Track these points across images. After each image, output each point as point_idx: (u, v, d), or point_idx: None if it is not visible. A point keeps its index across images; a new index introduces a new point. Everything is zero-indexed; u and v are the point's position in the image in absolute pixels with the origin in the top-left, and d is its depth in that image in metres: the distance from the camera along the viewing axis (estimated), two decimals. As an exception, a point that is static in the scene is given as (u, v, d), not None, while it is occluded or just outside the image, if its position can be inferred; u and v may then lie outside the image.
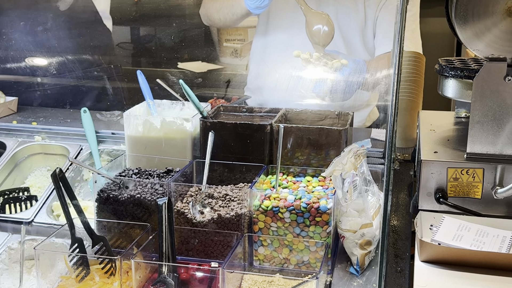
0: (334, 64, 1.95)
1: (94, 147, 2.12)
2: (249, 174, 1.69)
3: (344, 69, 1.96)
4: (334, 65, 1.95)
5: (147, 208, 1.57)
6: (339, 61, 1.96)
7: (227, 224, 1.51)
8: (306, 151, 1.73)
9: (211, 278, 1.36)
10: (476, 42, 1.43)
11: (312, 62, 1.94)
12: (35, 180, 2.14)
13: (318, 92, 1.98)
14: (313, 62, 1.94)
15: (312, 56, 1.93)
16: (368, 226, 1.49)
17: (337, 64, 1.95)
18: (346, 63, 1.96)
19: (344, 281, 1.46)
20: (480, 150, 1.49)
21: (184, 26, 3.01)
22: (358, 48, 2.27)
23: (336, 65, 1.95)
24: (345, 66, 1.97)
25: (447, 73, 1.58)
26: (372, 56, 2.28)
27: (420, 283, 1.23)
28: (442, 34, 4.53)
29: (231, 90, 2.77)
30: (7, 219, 1.80)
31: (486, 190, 1.47)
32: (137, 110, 1.92)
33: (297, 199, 1.51)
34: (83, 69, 2.60)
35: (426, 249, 1.30)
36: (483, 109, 1.46)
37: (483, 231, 1.37)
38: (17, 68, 2.59)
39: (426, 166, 1.49)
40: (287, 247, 1.51)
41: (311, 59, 1.93)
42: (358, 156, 1.53)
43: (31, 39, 2.56)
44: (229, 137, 1.75)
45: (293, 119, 1.88)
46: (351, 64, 1.98)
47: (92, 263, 1.45)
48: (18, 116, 2.45)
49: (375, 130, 2.32)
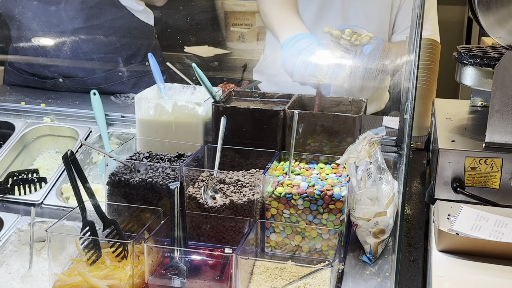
0: (363, 39, 1.95)
1: (104, 129, 2.10)
2: (260, 160, 1.67)
3: (372, 42, 1.96)
4: (363, 40, 1.95)
5: (159, 193, 1.56)
6: (368, 35, 1.96)
7: (239, 210, 1.50)
8: (319, 138, 1.71)
9: (224, 263, 1.35)
10: (498, 29, 1.40)
11: (344, 38, 1.94)
12: (44, 162, 2.12)
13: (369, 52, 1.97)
14: (345, 38, 1.93)
15: (345, 32, 1.92)
16: (382, 215, 1.47)
17: (366, 39, 1.95)
18: (373, 36, 1.97)
19: (356, 269, 1.45)
20: (499, 140, 1.46)
21: (191, 10, 2.97)
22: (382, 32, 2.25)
23: (365, 39, 1.95)
24: (373, 38, 1.96)
25: (466, 60, 1.55)
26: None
27: (438, 273, 1.21)
28: (452, 22, 4.50)
29: (238, 75, 2.74)
30: (16, 201, 1.79)
31: (504, 180, 1.45)
32: (148, 93, 1.90)
33: (310, 186, 1.49)
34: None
35: (444, 239, 1.28)
36: (503, 98, 1.43)
37: (502, 221, 1.35)
38: (30, 48, 2.56)
39: (444, 155, 1.46)
40: (300, 234, 1.49)
41: (343, 35, 1.93)
42: (373, 144, 1.51)
43: (45, 19, 2.53)
44: (241, 122, 1.72)
45: (306, 105, 1.86)
46: (376, 37, 1.97)
47: (103, 247, 1.44)
48: (27, 98, 2.43)
49: (386, 118, 2.30)
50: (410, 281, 1.38)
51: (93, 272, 1.37)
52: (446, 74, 2.44)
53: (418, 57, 1.27)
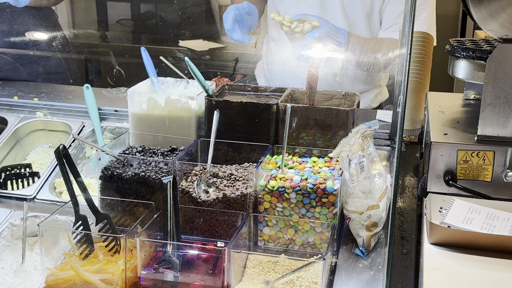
0: (304, 26, 1.96)
1: (97, 124, 2.09)
2: (254, 154, 1.67)
3: (315, 31, 1.98)
4: (305, 27, 1.96)
5: (151, 187, 1.55)
6: (310, 23, 1.98)
7: (232, 204, 1.49)
8: (312, 132, 1.71)
9: (217, 257, 1.35)
10: (490, 22, 1.40)
11: (285, 24, 1.97)
12: (37, 156, 2.12)
13: (311, 39, 1.98)
14: (285, 24, 1.97)
15: (285, 18, 1.96)
16: (374, 208, 1.48)
17: (308, 26, 1.97)
18: (318, 25, 1.98)
19: (349, 262, 1.45)
20: (491, 133, 1.46)
21: (185, 3, 2.97)
22: (362, 34, 2.25)
23: (306, 27, 1.97)
24: (317, 28, 1.98)
25: (458, 54, 1.55)
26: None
27: (430, 266, 1.22)
28: (446, 16, 4.50)
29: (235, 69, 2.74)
30: (9, 195, 1.79)
31: (496, 173, 1.45)
32: (141, 87, 1.89)
33: (303, 179, 1.49)
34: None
35: (435, 232, 1.29)
36: (495, 91, 1.43)
37: (493, 214, 1.36)
38: (20, 43, 2.55)
39: (436, 148, 1.47)
40: (293, 228, 1.49)
41: (284, 21, 1.96)
42: (366, 137, 1.51)
43: (35, 12, 2.51)
44: (234, 116, 1.72)
45: (299, 98, 1.86)
46: (324, 26, 1.99)
47: (96, 241, 1.43)
48: (20, 92, 2.42)
49: (380, 112, 2.30)
50: (402, 274, 1.39)
51: (86, 266, 1.37)
52: (441, 68, 2.44)
53: (410, 50, 1.26)
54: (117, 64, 2.66)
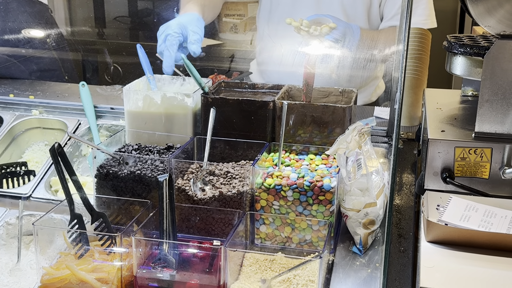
0: (322, 29, 1.93)
1: (93, 122, 2.08)
2: (250, 152, 1.66)
3: (333, 32, 1.95)
4: (323, 30, 1.93)
5: (147, 185, 1.55)
6: (327, 25, 1.94)
7: (229, 202, 1.49)
8: (309, 129, 1.70)
9: (213, 256, 1.34)
10: (487, 18, 1.39)
11: (303, 29, 1.93)
12: (33, 154, 2.11)
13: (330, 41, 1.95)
14: (303, 29, 1.92)
15: (302, 23, 1.91)
16: (372, 206, 1.47)
17: (326, 29, 1.94)
18: (334, 26, 1.94)
19: (346, 260, 1.45)
20: (488, 130, 1.46)
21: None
22: (360, 20, 2.23)
23: (324, 30, 1.94)
24: (334, 29, 1.94)
25: (456, 50, 1.55)
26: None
27: (427, 264, 1.21)
28: (445, 12, 4.49)
29: (232, 66, 2.72)
30: (4, 194, 1.78)
31: (493, 170, 1.45)
32: (137, 85, 1.88)
33: (300, 177, 1.48)
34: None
35: (433, 230, 1.28)
36: (493, 88, 1.42)
37: (491, 211, 1.35)
38: (14, 40, 2.53)
39: (433, 145, 1.46)
40: (289, 226, 1.48)
41: (302, 26, 1.92)
42: (363, 135, 1.51)
43: (29, 10, 2.50)
44: (231, 113, 1.71)
45: (296, 96, 1.85)
46: (340, 27, 1.96)
47: (92, 240, 1.43)
48: (15, 90, 2.41)
49: (378, 108, 2.29)
50: (400, 272, 1.38)
51: (81, 265, 1.36)
52: (439, 64, 2.43)
53: (407, 46, 1.25)
54: (113, 61, 2.65)
